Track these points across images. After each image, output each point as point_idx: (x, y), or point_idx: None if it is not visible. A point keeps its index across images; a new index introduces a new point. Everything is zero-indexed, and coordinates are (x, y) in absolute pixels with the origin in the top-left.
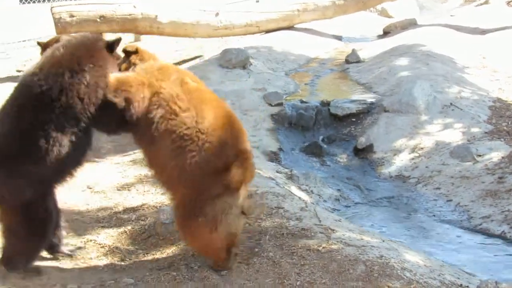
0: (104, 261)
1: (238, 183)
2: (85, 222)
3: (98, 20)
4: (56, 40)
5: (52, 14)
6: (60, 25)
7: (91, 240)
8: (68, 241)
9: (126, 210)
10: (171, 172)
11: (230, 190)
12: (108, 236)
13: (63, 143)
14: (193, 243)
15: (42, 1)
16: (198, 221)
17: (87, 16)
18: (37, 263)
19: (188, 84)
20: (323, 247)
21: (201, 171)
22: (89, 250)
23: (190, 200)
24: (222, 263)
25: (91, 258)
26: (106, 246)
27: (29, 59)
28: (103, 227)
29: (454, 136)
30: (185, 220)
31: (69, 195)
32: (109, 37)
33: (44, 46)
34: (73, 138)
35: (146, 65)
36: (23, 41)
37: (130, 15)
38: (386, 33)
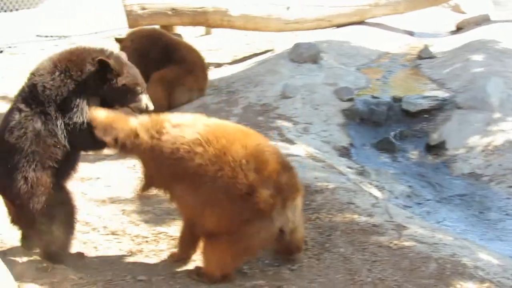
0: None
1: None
2: (156, 214)
3: (169, 12)
4: (131, 36)
5: (124, 6)
6: (132, 17)
7: (161, 232)
8: (139, 232)
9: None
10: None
11: (259, 214)
12: (179, 228)
13: None
14: (208, 251)
15: None
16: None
17: (159, 9)
18: (109, 255)
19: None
20: (395, 244)
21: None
22: (160, 242)
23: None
24: (205, 279)
25: (162, 250)
26: (176, 238)
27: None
28: (174, 219)
29: None
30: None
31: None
32: (180, 30)
33: (120, 41)
34: None
35: None
36: (96, 32)
37: (201, 8)
38: (459, 29)
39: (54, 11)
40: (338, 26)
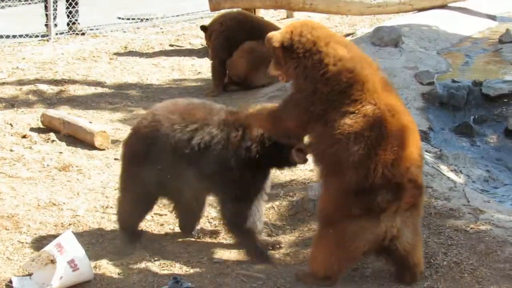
0: None
1: (381, 209)
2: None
3: None
4: (219, 18)
5: None
6: (214, 0)
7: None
8: (216, 214)
9: (275, 186)
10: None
11: (370, 214)
12: None
13: None
14: (313, 246)
15: None
16: (326, 230)
17: None
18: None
19: None
20: (471, 228)
21: (345, 186)
22: None
23: (328, 212)
24: (311, 282)
25: None
26: None
27: (182, 34)
28: None
29: None
30: (321, 224)
31: None
32: (261, 13)
33: (206, 28)
34: None
35: None
36: (177, 15)
37: None
38: None
39: None
40: (420, 10)
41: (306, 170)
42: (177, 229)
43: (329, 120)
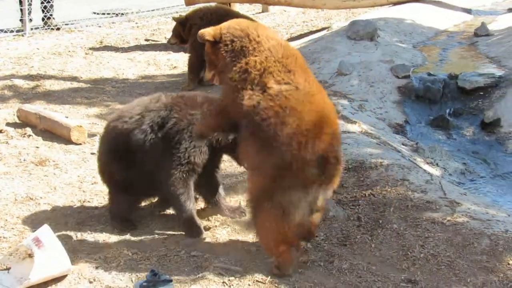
0: (228, 229)
1: (311, 182)
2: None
3: None
4: (198, 13)
5: None
6: None
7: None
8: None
9: None
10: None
11: (303, 186)
12: None
13: None
14: (258, 229)
15: None
16: (265, 206)
17: None
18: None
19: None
20: (448, 220)
21: (278, 162)
22: (213, 219)
23: (262, 186)
24: (281, 264)
25: (216, 227)
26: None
27: (157, 29)
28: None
29: None
30: (254, 203)
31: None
32: (237, 8)
33: (184, 20)
34: None
35: None
36: (152, 10)
37: None
38: None
39: None
40: (396, 3)
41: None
42: (155, 223)
43: (266, 87)
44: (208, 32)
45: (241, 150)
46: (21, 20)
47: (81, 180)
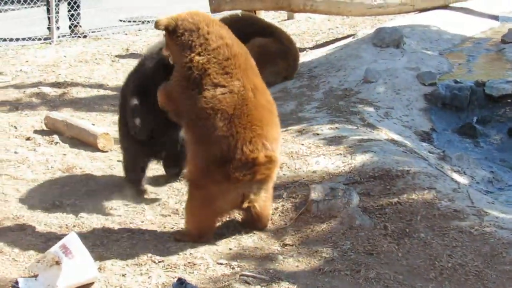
0: (254, 237)
1: (240, 178)
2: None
3: None
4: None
5: None
6: (215, 2)
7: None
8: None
9: (277, 187)
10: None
11: (232, 181)
12: None
13: None
14: (185, 208)
15: None
16: (194, 193)
17: None
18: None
19: None
20: (476, 229)
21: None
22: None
23: (195, 177)
24: (185, 236)
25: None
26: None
27: None
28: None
29: None
30: (189, 185)
31: None
32: (262, 15)
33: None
34: None
35: None
36: None
37: None
38: None
39: None
40: (422, 10)
41: (309, 172)
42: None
43: (203, 89)
44: (162, 21)
45: (184, 135)
46: (48, 28)
47: (108, 187)
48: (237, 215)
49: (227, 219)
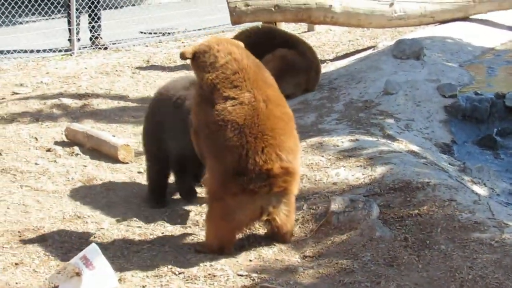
0: (274, 249)
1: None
2: None
3: (273, 9)
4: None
5: (228, 3)
6: (235, 14)
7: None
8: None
9: (298, 199)
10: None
11: (246, 193)
12: None
13: None
14: (206, 219)
15: None
16: (213, 206)
17: (262, 6)
18: None
19: None
20: (496, 241)
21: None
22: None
23: (213, 190)
24: (206, 247)
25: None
26: None
27: None
28: None
29: None
30: (208, 197)
31: None
32: (283, 27)
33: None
34: None
35: None
36: (198, 30)
37: (304, 4)
38: None
39: (157, 8)
40: (442, 22)
41: (330, 183)
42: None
43: (214, 103)
44: (186, 51)
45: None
46: (69, 39)
47: (128, 199)
48: (260, 228)
49: (247, 231)
